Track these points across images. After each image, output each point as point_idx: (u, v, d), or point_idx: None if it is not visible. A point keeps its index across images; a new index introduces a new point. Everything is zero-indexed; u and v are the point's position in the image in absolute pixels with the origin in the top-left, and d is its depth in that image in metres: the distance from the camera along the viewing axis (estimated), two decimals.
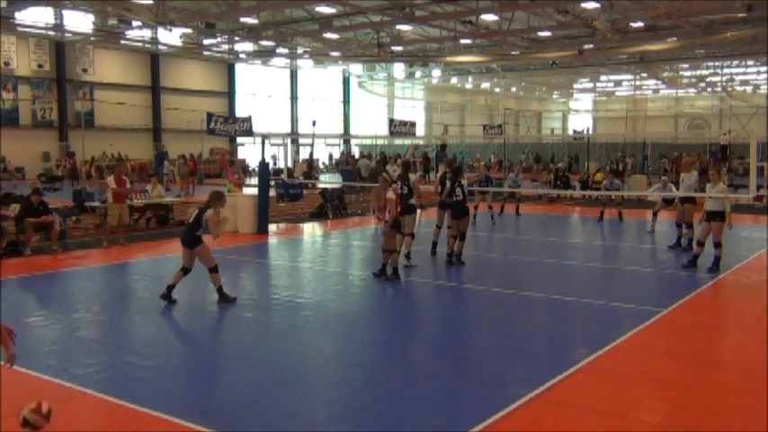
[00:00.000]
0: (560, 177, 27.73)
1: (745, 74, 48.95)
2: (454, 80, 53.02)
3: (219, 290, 8.81)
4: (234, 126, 19.90)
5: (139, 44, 36.21)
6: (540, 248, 14.16)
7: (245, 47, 37.60)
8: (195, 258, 8.75)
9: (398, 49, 34.84)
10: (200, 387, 5.91)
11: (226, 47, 36.57)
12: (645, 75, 50.82)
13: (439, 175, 13.85)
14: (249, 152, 43.33)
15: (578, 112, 71.12)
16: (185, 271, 8.77)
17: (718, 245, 10.93)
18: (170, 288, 8.72)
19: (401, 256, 11.10)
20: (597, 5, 23.90)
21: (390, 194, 10.38)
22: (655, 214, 15.85)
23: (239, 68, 44.60)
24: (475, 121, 57.30)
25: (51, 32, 32.80)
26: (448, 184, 11.75)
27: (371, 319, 8.49)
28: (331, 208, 19.59)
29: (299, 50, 37.41)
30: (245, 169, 38.22)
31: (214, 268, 8.79)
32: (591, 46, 31.44)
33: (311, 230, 17.39)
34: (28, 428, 4.22)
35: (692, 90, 57.85)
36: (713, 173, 11.60)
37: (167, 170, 30.31)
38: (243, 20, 29.04)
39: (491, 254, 13.65)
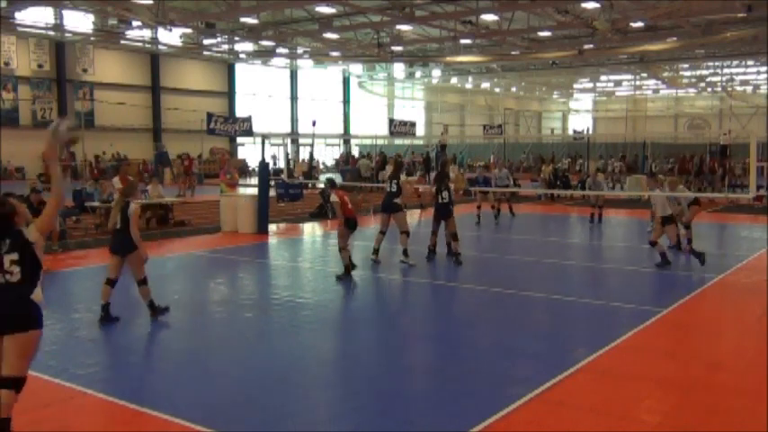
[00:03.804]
0: (560, 177, 27.73)
1: (745, 74, 48.94)
2: (454, 80, 53.01)
3: (151, 304, 7.98)
4: (234, 126, 19.90)
5: (139, 44, 36.19)
6: (539, 248, 14.16)
7: (245, 47, 37.59)
8: (123, 267, 7.82)
9: (398, 49, 34.83)
10: (200, 387, 5.91)
11: (226, 47, 36.56)
12: (645, 75, 50.82)
13: (434, 175, 13.96)
14: (249, 152, 43.34)
15: (578, 112, 71.11)
16: (112, 283, 7.89)
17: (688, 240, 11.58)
18: (105, 308, 7.85)
19: (374, 252, 11.53)
20: (597, 5, 23.90)
21: (334, 197, 10.55)
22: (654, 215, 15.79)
23: (239, 68, 44.59)
24: (475, 121, 57.29)
25: (51, 32, 32.79)
26: (433, 188, 11.99)
27: (371, 319, 8.49)
28: (331, 208, 19.57)
29: (299, 50, 37.40)
30: (243, 169, 38.18)
31: (144, 280, 7.93)
32: (591, 46, 31.42)
33: (311, 230, 17.40)
34: None
35: (692, 90, 57.84)
36: (672, 179, 12.57)
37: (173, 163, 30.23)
38: (243, 20, 29.03)
39: (491, 254, 13.66)
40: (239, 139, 41.52)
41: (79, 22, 31.30)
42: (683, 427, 5.06)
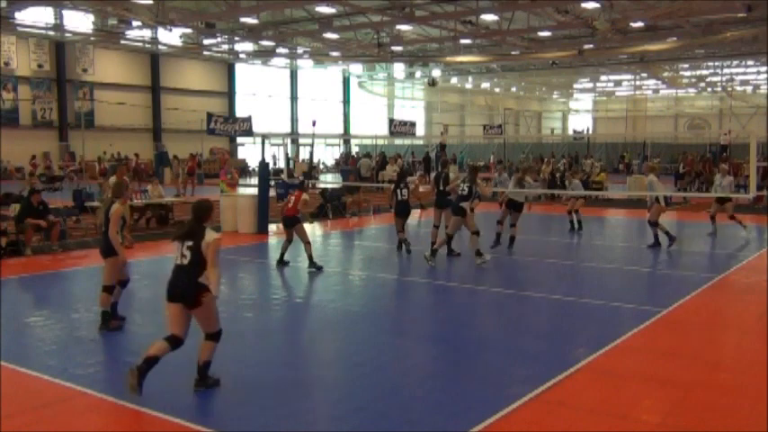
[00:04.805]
0: (559, 177, 27.72)
1: (745, 74, 48.93)
2: (454, 80, 53.00)
3: (104, 314, 7.57)
4: (234, 126, 19.89)
5: (139, 44, 36.20)
6: (539, 248, 14.13)
7: (245, 47, 37.59)
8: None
9: (398, 49, 34.82)
10: None
11: (226, 47, 36.56)
12: (645, 75, 50.79)
13: (434, 175, 14.26)
14: (249, 152, 43.34)
15: (578, 112, 71.10)
16: (123, 284, 7.76)
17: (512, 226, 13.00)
18: (107, 316, 7.59)
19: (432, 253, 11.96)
20: (597, 5, 23.89)
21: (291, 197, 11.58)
22: (712, 217, 15.32)
23: (239, 68, 44.59)
24: (475, 121, 57.30)
25: (51, 32, 32.79)
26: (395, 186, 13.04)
27: (371, 319, 8.48)
28: (331, 208, 19.60)
29: (299, 50, 37.40)
30: (244, 169, 38.16)
31: (108, 288, 7.55)
32: (591, 46, 31.41)
33: (311, 230, 17.36)
34: None
35: (692, 90, 57.85)
36: (648, 164, 13.48)
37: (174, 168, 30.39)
38: (243, 20, 29.02)
39: (490, 254, 13.63)
40: (239, 139, 41.54)
41: (79, 22, 31.30)
42: (683, 427, 5.07)
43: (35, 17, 29.94)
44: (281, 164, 37.71)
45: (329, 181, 34.37)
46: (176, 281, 5.60)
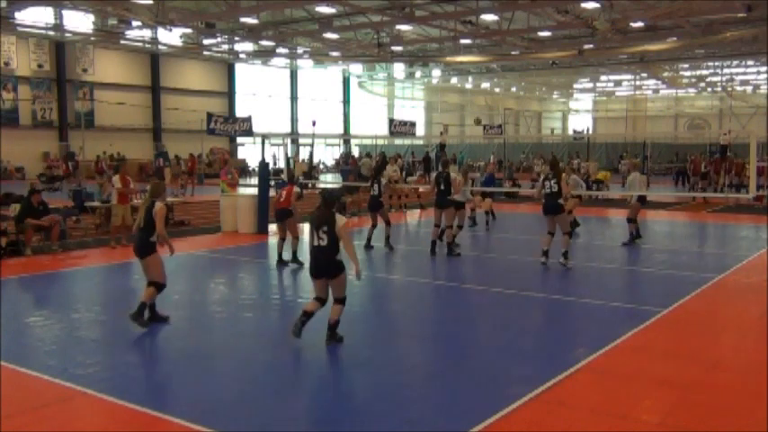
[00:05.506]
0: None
1: (745, 74, 48.92)
2: (454, 80, 52.99)
3: (141, 306, 7.58)
4: (234, 126, 19.88)
5: (139, 44, 36.17)
6: (539, 248, 14.13)
7: (245, 47, 37.58)
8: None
9: (398, 49, 34.82)
10: (200, 387, 5.91)
11: (226, 47, 36.54)
12: (645, 75, 50.78)
13: (434, 175, 14.29)
14: (249, 152, 43.33)
15: (578, 112, 71.10)
16: (158, 287, 7.79)
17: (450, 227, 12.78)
18: (143, 308, 7.57)
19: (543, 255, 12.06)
20: (597, 5, 23.89)
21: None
22: None
23: (239, 68, 44.57)
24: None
25: (51, 32, 32.76)
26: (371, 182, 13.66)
27: (371, 319, 8.49)
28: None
29: (299, 50, 37.40)
30: (244, 169, 38.16)
31: (155, 284, 7.71)
32: (591, 46, 31.40)
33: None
34: None
35: (692, 90, 57.83)
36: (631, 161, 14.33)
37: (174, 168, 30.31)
38: (243, 20, 29.00)
39: (491, 254, 13.65)
40: (239, 139, 41.51)
41: (79, 22, 31.28)
42: (683, 427, 5.07)
43: (35, 17, 29.91)
44: (281, 164, 37.69)
45: (329, 181, 34.36)
46: (318, 261, 6.79)
